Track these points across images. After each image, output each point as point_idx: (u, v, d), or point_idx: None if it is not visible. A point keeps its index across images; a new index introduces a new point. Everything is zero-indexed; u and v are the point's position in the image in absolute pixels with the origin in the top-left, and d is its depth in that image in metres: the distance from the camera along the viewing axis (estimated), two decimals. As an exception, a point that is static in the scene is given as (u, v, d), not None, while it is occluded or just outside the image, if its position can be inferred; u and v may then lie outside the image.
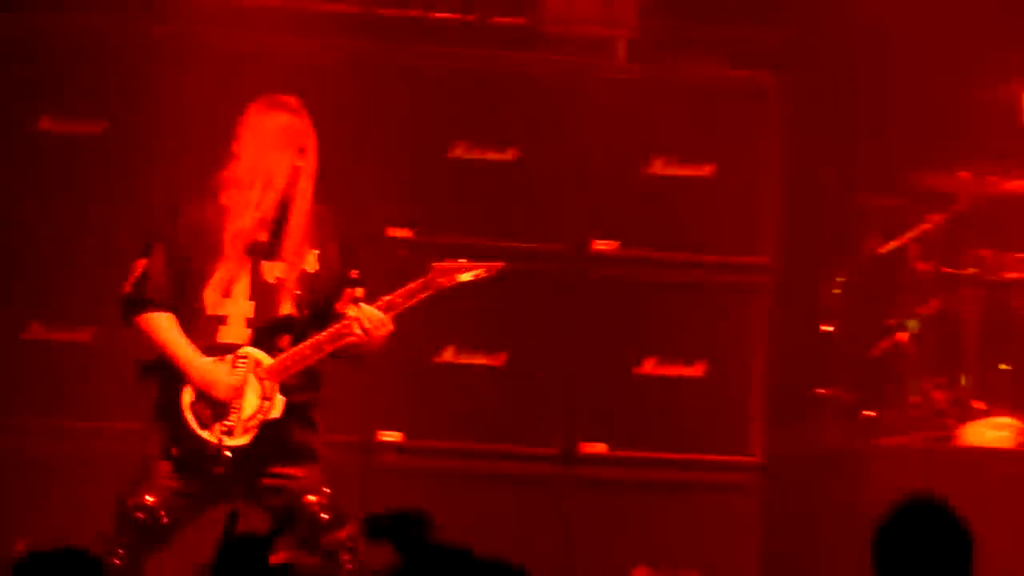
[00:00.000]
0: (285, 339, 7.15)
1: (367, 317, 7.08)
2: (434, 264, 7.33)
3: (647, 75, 9.44)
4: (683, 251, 9.24)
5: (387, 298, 7.17)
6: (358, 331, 7.09)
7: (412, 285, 7.24)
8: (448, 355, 8.89)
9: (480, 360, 9.00)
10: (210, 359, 7.06)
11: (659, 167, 9.16)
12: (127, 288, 7.10)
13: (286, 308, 7.17)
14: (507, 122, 9.16)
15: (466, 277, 7.34)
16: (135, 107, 8.76)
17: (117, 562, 6.81)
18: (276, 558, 4.89)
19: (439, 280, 7.30)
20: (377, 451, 8.89)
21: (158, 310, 7.07)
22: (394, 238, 8.69)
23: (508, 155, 9.10)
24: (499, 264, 7.44)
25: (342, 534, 7.00)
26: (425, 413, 8.92)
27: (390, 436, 8.82)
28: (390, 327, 7.16)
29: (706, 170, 9.19)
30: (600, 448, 9.04)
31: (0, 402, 8.70)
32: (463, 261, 7.43)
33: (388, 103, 9.07)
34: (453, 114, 9.16)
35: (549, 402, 9.09)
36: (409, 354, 8.38)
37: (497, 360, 9.02)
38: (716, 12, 9.97)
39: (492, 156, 9.09)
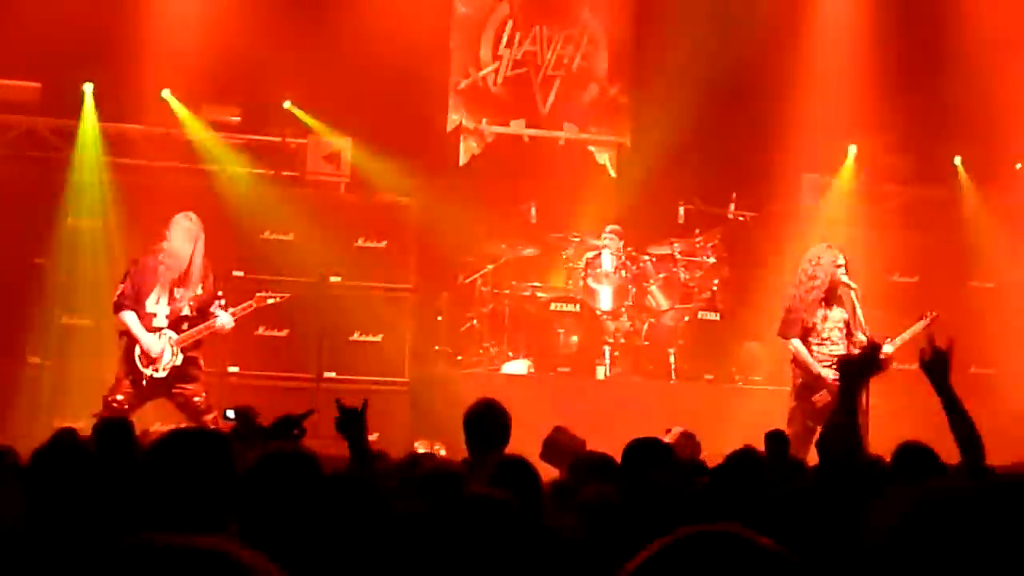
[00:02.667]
0: (185, 325, 11.38)
1: (222, 321, 11.37)
2: (256, 293, 11.93)
3: (356, 198, 14.33)
4: (375, 281, 13.93)
5: (232, 309, 11.42)
6: (218, 327, 11.36)
7: (246, 304, 11.65)
8: (261, 331, 13.51)
9: (275, 332, 13.66)
10: (149, 334, 11.27)
11: (361, 243, 14.04)
12: (115, 298, 11.33)
13: (186, 311, 11.38)
14: (289, 219, 13.88)
15: (271, 300, 11.84)
16: (117, 209, 13.32)
17: (103, 428, 10.38)
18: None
19: (259, 301, 11.79)
20: (227, 376, 13.26)
21: (128, 310, 11.27)
22: (237, 276, 13.18)
23: (291, 236, 13.84)
24: (287, 295, 12.06)
25: (210, 415, 11.09)
26: (250, 357, 13.46)
27: (233, 368, 13.45)
28: (232, 324, 11.42)
29: (383, 244, 14.07)
30: (333, 374, 13.64)
31: (51, 351, 13.10)
32: (270, 292, 11.92)
33: (232, 207, 13.59)
34: (264, 214, 13.80)
35: (308, 352, 13.69)
36: (243, 330, 12.31)
37: (283, 332, 13.73)
38: (394, 164, 14.21)
39: (282, 236, 13.86)
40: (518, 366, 13.89)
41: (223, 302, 11.54)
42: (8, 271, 13.24)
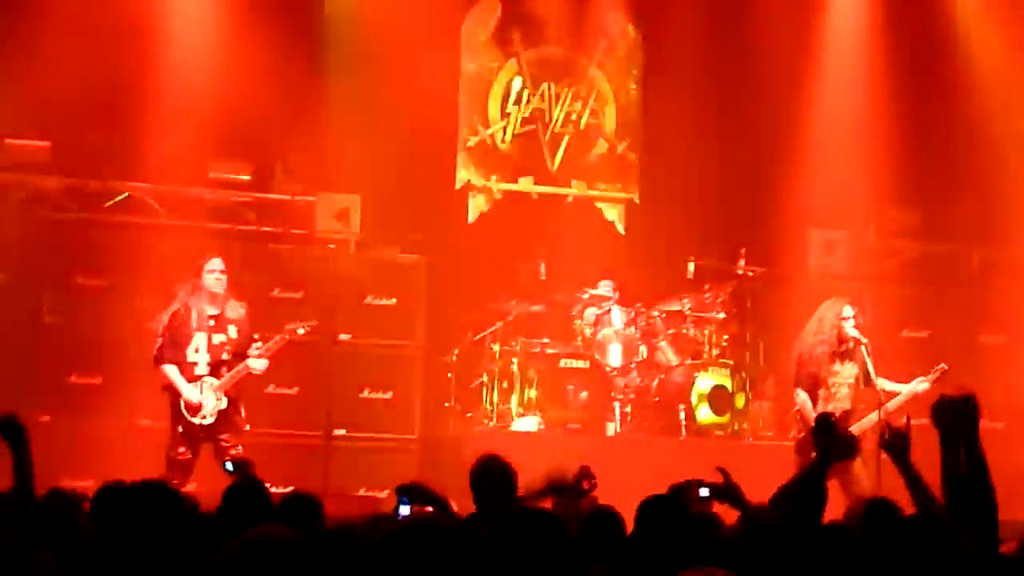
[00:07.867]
0: (224, 370, 11.52)
1: (256, 364, 11.54)
2: (286, 326, 11.93)
3: (365, 256, 14.33)
4: (384, 338, 14.04)
5: (264, 345, 11.51)
6: (252, 368, 11.49)
7: (278, 338, 11.72)
8: (271, 388, 13.49)
9: (285, 390, 13.69)
10: (189, 385, 11.46)
11: (370, 300, 14.13)
12: (154, 351, 11.46)
13: (224, 356, 11.54)
14: (298, 279, 13.95)
15: (301, 330, 11.88)
16: (124, 272, 13.33)
17: (175, 483, 9.93)
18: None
19: (289, 333, 11.83)
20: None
21: (168, 362, 11.49)
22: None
23: (300, 294, 13.92)
24: (316, 322, 12.01)
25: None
26: (260, 414, 12.95)
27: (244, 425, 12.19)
28: (266, 365, 11.50)
29: (392, 301, 14.14)
30: (343, 431, 13.70)
31: (60, 409, 13.03)
32: (298, 322, 11.92)
33: (250, 267, 13.63)
34: (275, 275, 13.92)
35: (318, 410, 13.68)
36: (253, 388, 12.30)
37: (293, 390, 13.76)
38: (403, 221, 14.35)
39: (292, 294, 13.91)
40: (528, 423, 13.81)
41: (259, 344, 11.67)
42: (18, 329, 13.32)
